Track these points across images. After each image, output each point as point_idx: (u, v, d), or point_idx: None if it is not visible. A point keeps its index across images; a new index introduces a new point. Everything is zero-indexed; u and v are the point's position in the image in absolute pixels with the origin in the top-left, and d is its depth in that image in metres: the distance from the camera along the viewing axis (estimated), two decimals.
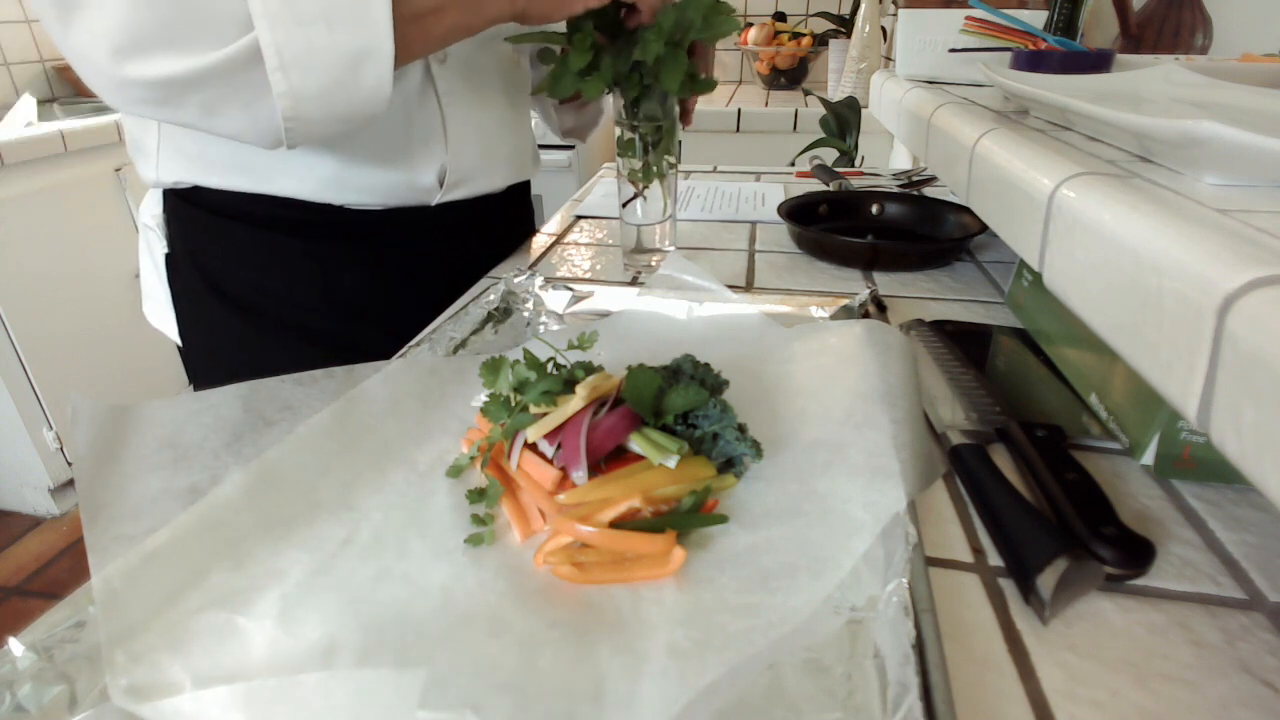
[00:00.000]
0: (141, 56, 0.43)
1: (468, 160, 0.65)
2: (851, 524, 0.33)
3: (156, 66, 0.44)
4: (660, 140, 0.61)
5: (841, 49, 1.88)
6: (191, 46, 0.44)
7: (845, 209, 0.84)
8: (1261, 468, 0.22)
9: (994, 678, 0.28)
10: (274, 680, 0.26)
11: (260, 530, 0.34)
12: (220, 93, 0.46)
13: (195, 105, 0.46)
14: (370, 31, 0.46)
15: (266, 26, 0.44)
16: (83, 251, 1.70)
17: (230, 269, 0.64)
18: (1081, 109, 0.44)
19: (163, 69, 0.44)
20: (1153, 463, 0.39)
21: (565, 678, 0.27)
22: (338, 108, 0.48)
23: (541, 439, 0.37)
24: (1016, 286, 0.60)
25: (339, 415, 0.41)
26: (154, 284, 0.70)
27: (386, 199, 0.63)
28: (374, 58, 0.47)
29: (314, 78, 0.46)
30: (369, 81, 0.48)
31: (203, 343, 0.67)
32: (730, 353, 0.49)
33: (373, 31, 0.46)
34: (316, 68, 0.46)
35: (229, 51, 0.44)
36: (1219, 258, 0.25)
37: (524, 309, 0.60)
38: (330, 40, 0.45)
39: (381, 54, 0.47)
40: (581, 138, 0.85)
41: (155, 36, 0.43)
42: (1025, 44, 0.74)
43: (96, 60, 0.44)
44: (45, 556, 1.68)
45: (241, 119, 0.47)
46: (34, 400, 1.65)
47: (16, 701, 0.26)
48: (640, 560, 0.32)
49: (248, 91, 0.46)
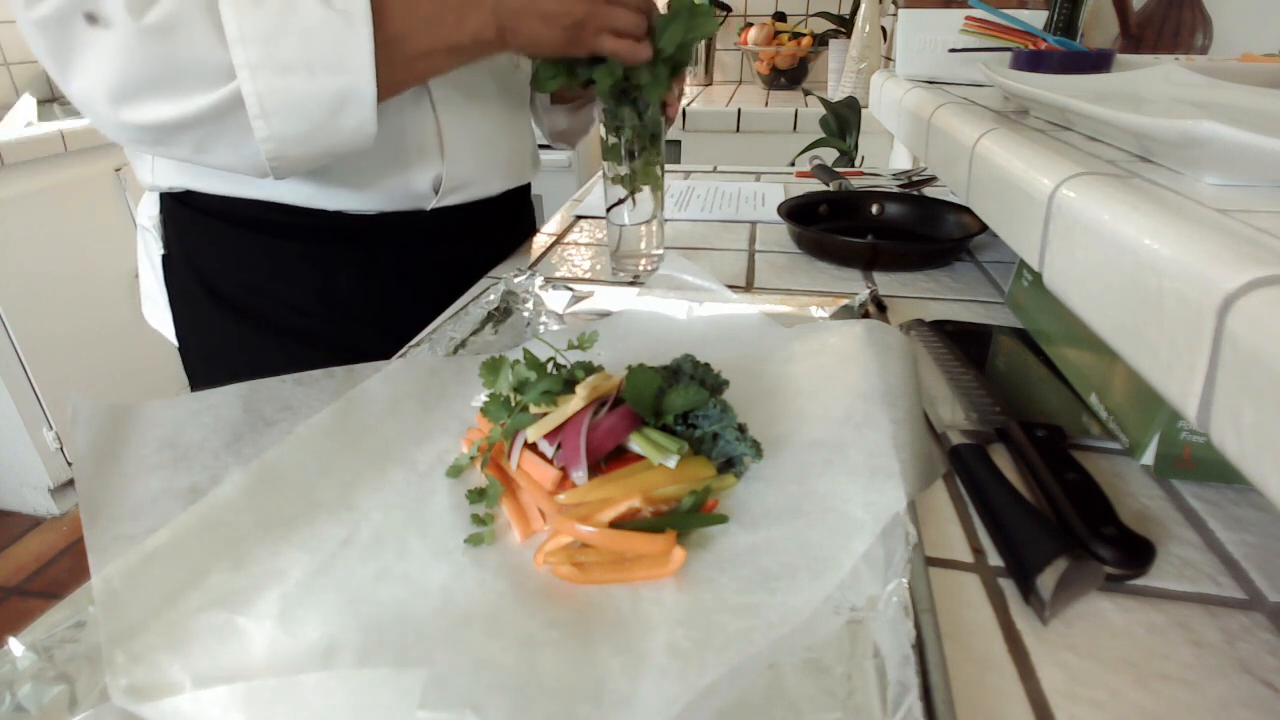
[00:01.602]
0: (135, 103, 0.46)
1: (464, 167, 0.65)
2: (851, 524, 0.33)
3: (149, 112, 0.46)
4: (646, 147, 0.60)
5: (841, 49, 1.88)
6: (179, 94, 0.46)
7: (845, 209, 0.84)
8: (1261, 468, 0.22)
9: (994, 678, 0.28)
10: (274, 680, 0.26)
11: (260, 530, 0.34)
12: (209, 134, 0.48)
13: (187, 144, 0.49)
14: (351, 76, 0.47)
15: (248, 76, 0.45)
16: (83, 251, 1.70)
17: (225, 271, 0.64)
18: (1081, 109, 0.44)
19: (154, 114, 0.46)
20: (1153, 463, 0.39)
21: (565, 678, 0.27)
22: (321, 147, 0.50)
23: (541, 439, 0.37)
24: (1016, 286, 0.60)
25: (339, 415, 0.41)
26: (152, 285, 0.70)
27: (381, 205, 0.63)
28: (355, 101, 0.48)
29: (295, 123, 0.48)
30: (351, 123, 0.49)
31: (200, 345, 0.67)
32: (730, 353, 0.49)
33: (354, 76, 0.47)
34: (298, 113, 0.47)
35: (213, 100, 0.46)
36: (1219, 258, 0.25)
37: (524, 309, 0.60)
38: (311, 87, 0.47)
39: (363, 97, 0.48)
40: (571, 143, 0.84)
41: (146, 85, 0.45)
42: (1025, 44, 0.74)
43: (95, 106, 0.46)
44: (45, 556, 1.68)
45: (231, 156, 0.49)
46: (34, 400, 1.65)
47: (16, 701, 0.26)
48: (640, 560, 0.32)
49: (235, 133, 0.48)
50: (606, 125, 0.60)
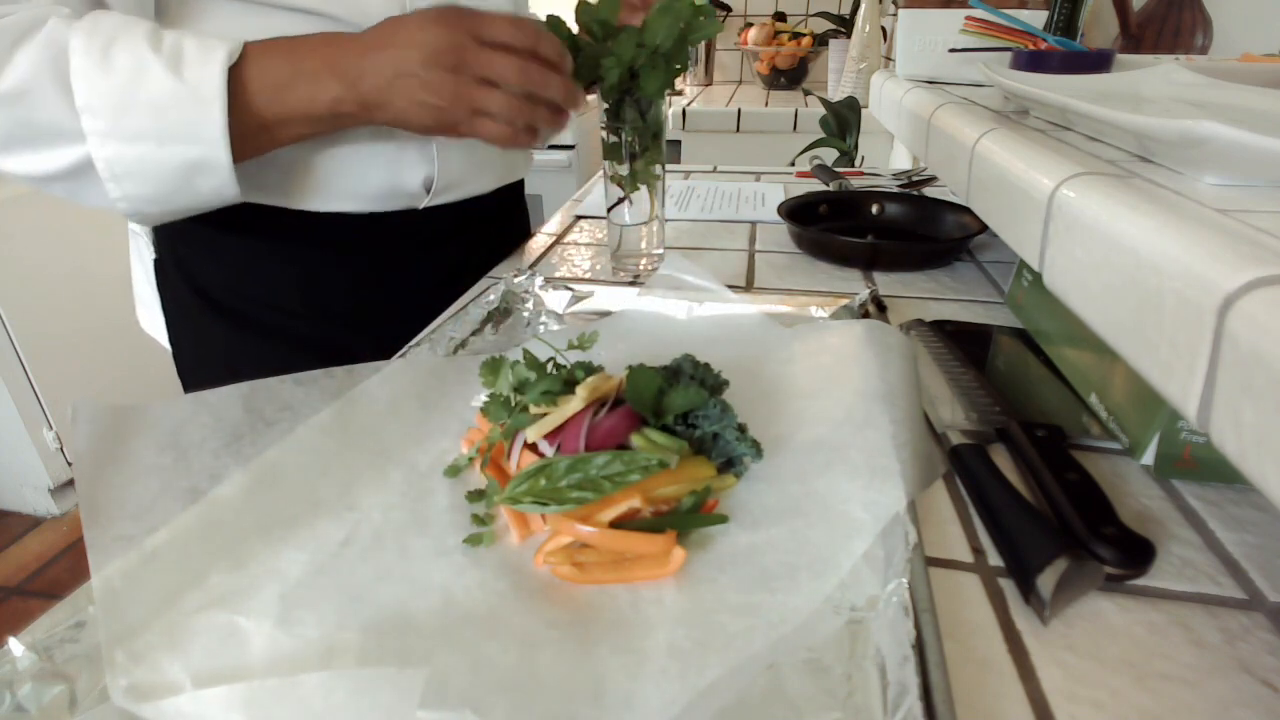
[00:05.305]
0: (4, 155, 0.47)
1: (455, 166, 0.64)
2: (851, 524, 0.33)
3: (17, 164, 0.48)
4: (647, 147, 0.60)
5: (841, 49, 1.88)
6: (38, 152, 0.47)
7: (845, 209, 0.84)
8: (1261, 468, 0.22)
9: (994, 678, 0.28)
10: (274, 680, 0.26)
11: (260, 530, 0.34)
12: (75, 187, 0.49)
13: (61, 191, 0.50)
14: (203, 147, 0.47)
15: (97, 143, 0.46)
16: (83, 251, 1.70)
17: (217, 275, 0.63)
18: (1081, 109, 0.44)
19: (21, 167, 0.48)
20: (1153, 463, 0.39)
21: (565, 677, 0.27)
22: (179, 206, 0.51)
23: (541, 439, 0.37)
24: (1016, 286, 0.60)
25: (339, 415, 0.41)
26: (145, 290, 0.69)
27: (373, 205, 0.62)
28: (210, 169, 0.48)
29: (149, 187, 0.48)
30: (207, 187, 0.49)
31: (193, 349, 0.67)
32: (730, 353, 0.49)
33: (206, 147, 0.47)
34: (150, 179, 0.48)
35: (67, 161, 0.47)
36: (1219, 258, 0.25)
37: (524, 309, 0.60)
38: (161, 155, 0.47)
39: (217, 165, 0.48)
40: None
41: (7, 143, 0.47)
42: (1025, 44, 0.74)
43: None
44: (45, 556, 1.68)
45: (101, 203, 0.50)
46: (34, 400, 1.65)
47: (16, 701, 0.26)
48: (640, 560, 0.32)
49: (96, 188, 0.48)
50: (607, 125, 0.60)
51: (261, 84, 0.48)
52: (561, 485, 0.33)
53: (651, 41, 0.55)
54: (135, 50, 0.45)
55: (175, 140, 0.46)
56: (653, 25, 0.55)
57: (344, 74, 0.49)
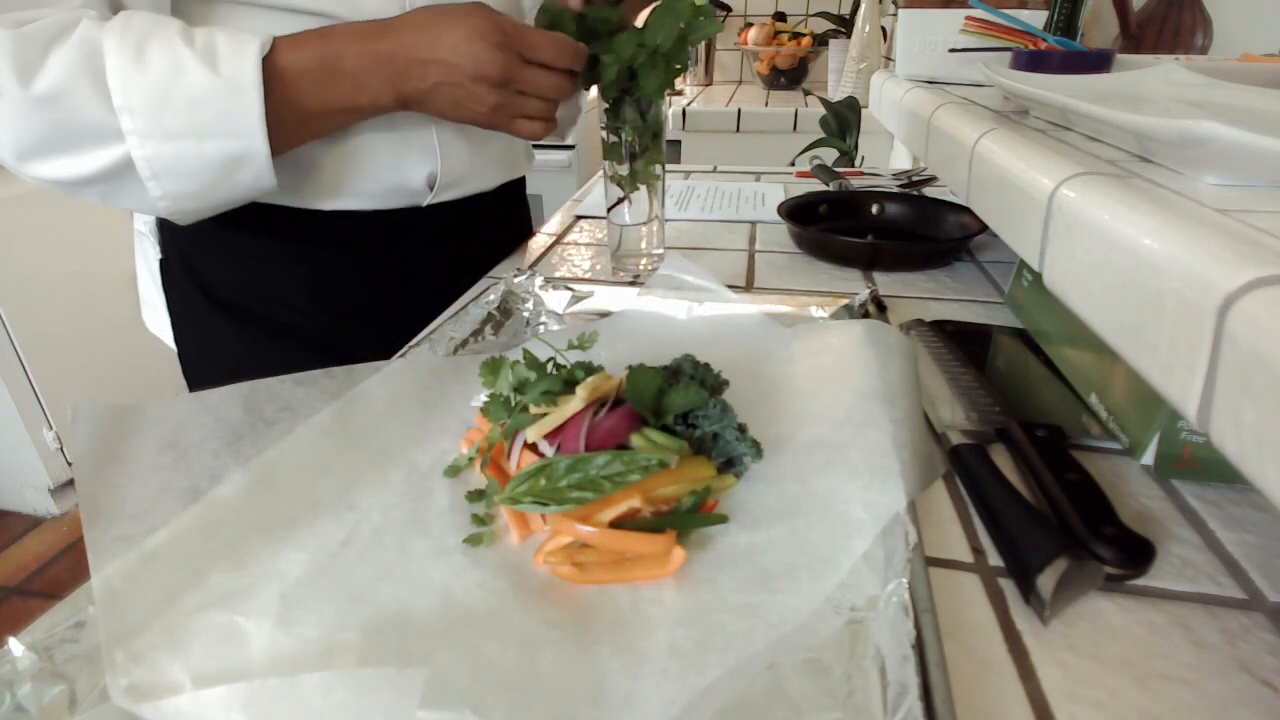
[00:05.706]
0: (36, 161, 0.47)
1: (458, 162, 0.65)
2: (851, 524, 0.33)
3: (50, 169, 0.47)
4: (647, 146, 0.60)
5: (841, 49, 1.88)
6: (75, 154, 0.47)
7: (845, 209, 0.84)
8: (1261, 468, 0.22)
9: (994, 678, 0.28)
10: (274, 680, 0.26)
11: (260, 530, 0.34)
12: (111, 188, 0.49)
13: (94, 195, 0.50)
14: (242, 140, 0.47)
15: (136, 142, 0.46)
16: (83, 251, 1.70)
17: (222, 273, 0.64)
18: (1081, 109, 0.44)
19: (56, 171, 0.47)
20: (1153, 463, 0.39)
21: (565, 677, 0.27)
22: (219, 201, 0.51)
23: (541, 439, 0.37)
24: (1016, 286, 0.60)
25: (339, 415, 0.41)
26: (150, 290, 0.70)
27: (377, 203, 0.62)
28: (249, 162, 0.49)
29: (188, 183, 0.48)
30: (247, 179, 0.50)
31: (198, 348, 0.67)
32: (730, 353, 0.49)
33: (245, 140, 0.47)
34: (189, 175, 0.48)
35: (107, 161, 0.47)
36: (1219, 258, 0.25)
37: (524, 309, 0.60)
38: (200, 150, 0.47)
39: (256, 157, 0.48)
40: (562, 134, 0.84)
41: (43, 147, 0.46)
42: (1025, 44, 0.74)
43: (6, 160, 0.48)
44: (45, 556, 1.68)
45: (137, 204, 0.50)
46: (34, 400, 1.65)
47: (16, 701, 0.26)
48: (640, 560, 0.32)
49: (134, 188, 0.48)
50: (607, 125, 0.60)
51: (298, 76, 0.49)
52: (561, 485, 0.33)
53: (651, 41, 0.55)
54: (170, 47, 0.45)
55: (214, 134, 0.47)
56: (653, 25, 0.55)
57: (386, 74, 0.51)
